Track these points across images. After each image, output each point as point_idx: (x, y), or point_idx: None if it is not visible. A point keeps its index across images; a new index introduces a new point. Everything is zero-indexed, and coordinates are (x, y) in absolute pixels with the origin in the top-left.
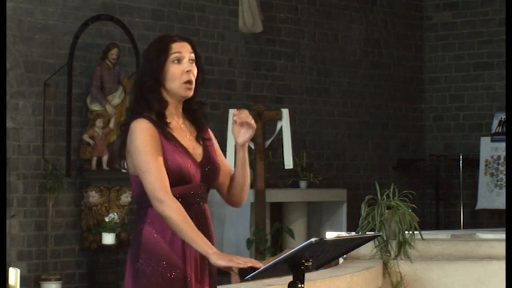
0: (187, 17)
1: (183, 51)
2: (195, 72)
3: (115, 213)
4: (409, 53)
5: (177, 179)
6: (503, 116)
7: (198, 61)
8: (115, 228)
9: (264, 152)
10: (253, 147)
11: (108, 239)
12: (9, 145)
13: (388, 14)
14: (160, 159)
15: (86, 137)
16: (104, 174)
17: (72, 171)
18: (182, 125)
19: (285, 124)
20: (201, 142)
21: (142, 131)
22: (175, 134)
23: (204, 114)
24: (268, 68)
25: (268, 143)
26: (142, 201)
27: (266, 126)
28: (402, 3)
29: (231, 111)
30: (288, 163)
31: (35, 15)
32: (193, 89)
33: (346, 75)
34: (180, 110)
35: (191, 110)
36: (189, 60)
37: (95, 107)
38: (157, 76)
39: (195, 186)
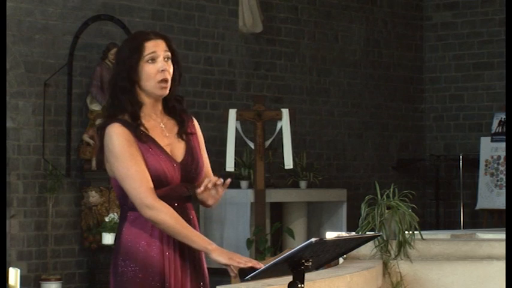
0: (187, 17)
1: (157, 50)
2: (171, 70)
3: (115, 213)
4: (409, 53)
5: (154, 182)
6: (503, 116)
7: (174, 57)
8: (115, 228)
9: (264, 152)
10: (253, 147)
11: (108, 239)
12: (9, 145)
13: (388, 14)
14: (141, 162)
15: (86, 137)
16: (104, 174)
17: (72, 171)
18: (162, 124)
19: (285, 124)
20: (184, 137)
21: (117, 137)
22: (152, 134)
23: (183, 108)
24: (268, 68)
25: (268, 143)
26: (123, 205)
27: (266, 126)
28: (402, 3)
29: (231, 112)
30: (288, 163)
31: (35, 15)
32: (168, 88)
33: (346, 75)
34: (160, 108)
35: (170, 107)
36: (164, 58)
37: (95, 107)
38: (131, 76)
39: (176, 187)
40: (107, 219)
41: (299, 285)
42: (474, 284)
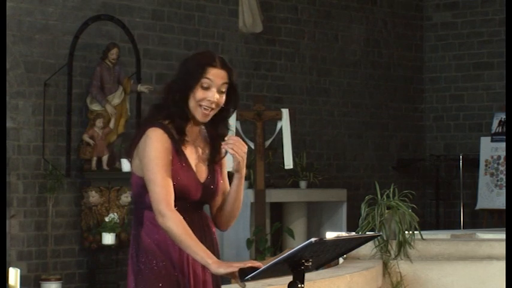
0: (187, 17)
1: (215, 80)
2: (222, 101)
3: (115, 213)
4: (409, 53)
5: (176, 194)
6: (503, 116)
7: (232, 90)
8: (115, 228)
9: (264, 152)
10: (253, 147)
11: (108, 239)
12: (9, 145)
13: (388, 14)
14: (169, 171)
15: (86, 137)
16: (104, 174)
17: (72, 171)
18: (196, 142)
19: (285, 124)
20: (208, 163)
21: (157, 142)
22: (187, 152)
23: (222, 141)
24: (268, 68)
25: (268, 143)
26: (139, 203)
27: (266, 126)
28: (402, 3)
29: (231, 111)
30: (288, 163)
31: (35, 15)
32: (210, 117)
33: (346, 75)
34: (198, 128)
35: (213, 136)
36: (218, 90)
37: (95, 107)
38: (186, 92)
39: (193, 202)
40: (107, 219)
41: (299, 285)
42: (474, 284)
